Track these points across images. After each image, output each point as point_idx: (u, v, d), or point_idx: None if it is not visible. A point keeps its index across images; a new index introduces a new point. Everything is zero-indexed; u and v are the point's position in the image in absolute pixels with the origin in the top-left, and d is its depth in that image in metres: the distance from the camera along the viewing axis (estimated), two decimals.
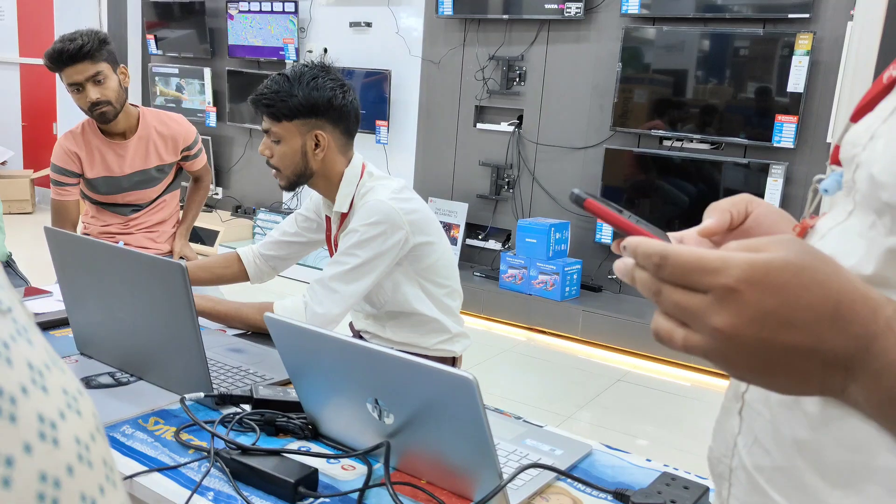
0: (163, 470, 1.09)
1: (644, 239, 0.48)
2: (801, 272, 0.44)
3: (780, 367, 0.45)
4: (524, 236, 4.23)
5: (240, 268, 1.99)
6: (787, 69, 3.62)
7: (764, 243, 0.45)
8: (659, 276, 0.47)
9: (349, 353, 1.07)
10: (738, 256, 0.44)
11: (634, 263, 0.49)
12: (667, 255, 0.46)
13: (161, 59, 6.09)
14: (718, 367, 0.47)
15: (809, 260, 0.44)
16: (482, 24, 4.57)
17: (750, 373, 0.46)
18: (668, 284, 0.46)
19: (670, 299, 0.46)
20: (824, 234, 0.59)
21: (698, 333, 0.46)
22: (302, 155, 1.74)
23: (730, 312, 0.44)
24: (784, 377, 0.45)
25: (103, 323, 1.43)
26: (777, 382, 0.46)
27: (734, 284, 0.44)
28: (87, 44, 2.26)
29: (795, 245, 0.45)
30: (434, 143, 4.87)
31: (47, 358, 0.28)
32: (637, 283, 0.49)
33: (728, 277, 0.44)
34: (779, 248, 0.45)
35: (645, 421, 3.26)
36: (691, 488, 1.08)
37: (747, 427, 0.62)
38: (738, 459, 0.63)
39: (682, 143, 4.02)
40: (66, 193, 2.48)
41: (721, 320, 0.44)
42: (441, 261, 1.82)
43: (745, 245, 0.46)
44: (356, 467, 1.13)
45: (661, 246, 0.47)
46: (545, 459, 1.16)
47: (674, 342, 0.47)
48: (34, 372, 0.27)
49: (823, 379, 0.45)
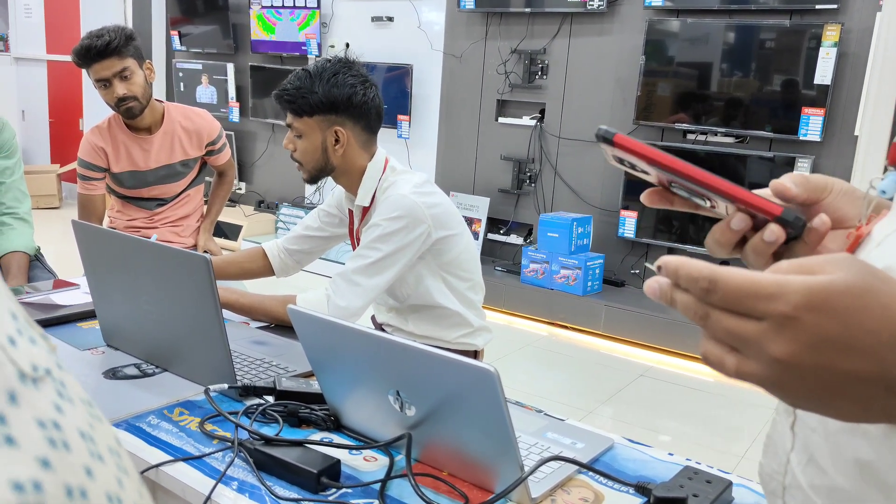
0: (187, 460, 1.11)
1: (685, 260, 0.45)
2: (863, 295, 0.41)
3: (841, 394, 0.42)
4: (546, 231, 4.22)
5: (265, 262, 2.01)
6: (814, 61, 3.57)
7: (820, 264, 0.43)
8: (707, 301, 0.44)
9: (371, 346, 1.08)
10: (796, 280, 0.42)
11: (672, 284, 0.46)
12: (716, 280, 0.43)
13: (185, 54, 6.15)
14: (774, 395, 0.44)
15: (871, 281, 0.42)
16: (504, 18, 4.55)
17: (808, 400, 0.44)
18: (717, 310, 0.44)
19: (721, 326, 0.44)
20: (880, 242, 0.55)
21: (753, 361, 0.43)
22: (322, 150, 1.75)
23: (788, 340, 0.41)
24: (844, 404, 0.43)
25: (129, 315, 1.45)
26: (836, 409, 0.44)
27: (792, 311, 0.41)
28: (114, 40, 2.28)
29: (855, 265, 0.42)
30: (455, 137, 4.87)
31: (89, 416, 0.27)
32: (678, 305, 0.46)
33: (786, 304, 0.41)
34: (837, 269, 0.42)
35: (667, 416, 3.24)
36: (714, 482, 1.07)
37: (801, 444, 0.59)
38: (791, 477, 0.60)
39: (706, 136, 3.98)
40: (93, 188, 2.51)
41: (779, 349, 0.42)
42: (464, 254, 1.82)
43: (799, 266, 0.43)
44: (378, 458, 1.14)
45: (710, 269, 0.43)
46: (566, 452, 1.16)
47: (725, 369, 0.44)
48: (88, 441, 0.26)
49: (886, 405, 0.42)
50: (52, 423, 0.24)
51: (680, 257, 0.45)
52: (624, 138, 0.51)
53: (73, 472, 0.24)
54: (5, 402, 0.23)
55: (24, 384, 0.24)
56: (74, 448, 0.24)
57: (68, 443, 0.24)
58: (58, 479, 0.23)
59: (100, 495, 0.24)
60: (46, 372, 0.25)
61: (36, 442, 0.23)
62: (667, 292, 0.46)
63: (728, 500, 1.08)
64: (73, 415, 0.25)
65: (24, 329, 0.25)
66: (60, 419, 0.25)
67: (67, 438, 0.24)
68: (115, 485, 0.26)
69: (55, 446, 0.24)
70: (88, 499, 0.24)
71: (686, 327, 3.75)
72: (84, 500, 0.24)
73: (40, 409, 0.24)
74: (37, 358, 0.25)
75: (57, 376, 0.26)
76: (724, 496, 1.06)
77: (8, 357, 0.24)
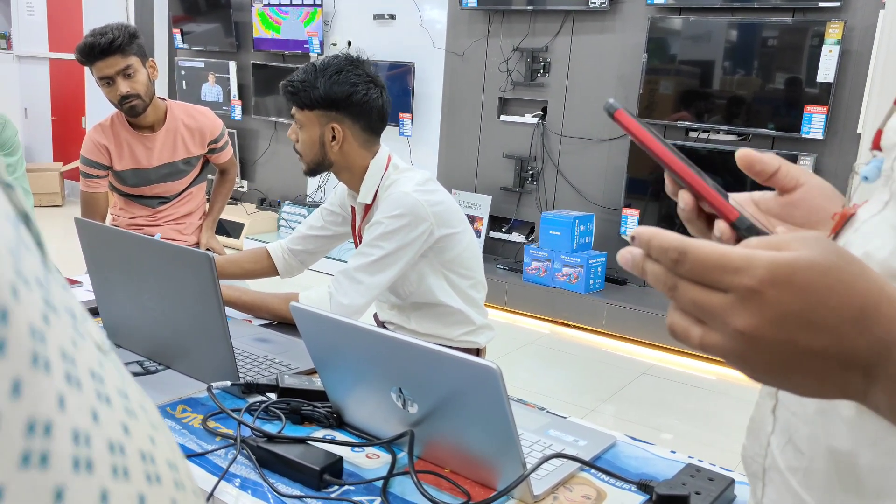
0: (190, 457, 1.11)
1: (657, 231, 0.46)
2: (827, 273, 0.42)
3: (799, 369, 0.43)
4: (548, 229, 4.22)
5: (269, 263, 2.01)
6: (816, 59, 3.57)
7: (788, 241, 0.44)
8: (676, 272, 0.45)
9: (374, 343, 1.08)
10: (762, 255, 0.43)
11: (644, 254, 0.47)
12: (686, 251, 0.44)
13: (187, 52, 6.15)
14: (735, 368, 0.45)
15: (835, 260, 0.43)
16: (506, 16, 4.55)
17: (767, 374, 0.45)
18: (685, 281, 0.45)
19: (688, 297, 0.45)
20: (858, 227, 0.57)
21: (717, 333, 0.44)
22: (320, 145, 1.76)
23: (751, 313, 0.42)
24: (802, 379, 0.44)
25: (132, 312, 1.46)
26: (795, 384, 0.45)
27: (757, 285, 0.42)
28: (117, 38, 2.28)
29: (821, 244, 0.43)
30: (457, 135, 4.87)
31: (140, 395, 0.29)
32: (648, 275, 0.46)
33: (751, 278, 0.42)
34: (803, 247, 0.43)
35: (669, 414, 3.24)
36: (716, 480, 1.08)
37: (781, 427, 0.60)
38: (771, 459, 0.61)
39: (708, 134, 3.98)
40: (96, 185, 2.52)
41: (742, 321, 0.43)
42: (466, 252, 1.82)
43: (767, 242, 0.44)
44: (380, 456, 1.14)
45: (680, 240, 0.44)
46: (569, 450, 1.16)
47: (690, 340, 0.46)
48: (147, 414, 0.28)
49: (843, 382, 0.43)
50: (100, 377, 0.26)
51: (653, 228, 0.46)
52: (623, 115, 0.52)
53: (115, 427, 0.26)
54: (99, 366, 0.25)
55: (78, 335, 0.26)
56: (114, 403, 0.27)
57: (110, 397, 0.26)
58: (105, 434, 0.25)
59: (134, 455, 0.26)
60: (110, 348, 0.28)
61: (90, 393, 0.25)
62: (639, 262, 0.47)
63: (730, 498, 1.08)
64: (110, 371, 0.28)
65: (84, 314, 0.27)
66: (104, 372, 0.27)
67: (109, 392, 0.26)
68: (148, 443, 0.27)
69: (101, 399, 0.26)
70: (126, 455, 0.25)
71: None
72: (122, 456, 0.25)
73: (91, 358, 0.26)
74: (100, 336, 0.28)
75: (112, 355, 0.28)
76: (726, 494, 1.06)
77: (87, 330, 0.26)
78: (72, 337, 0.25)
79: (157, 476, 0.26)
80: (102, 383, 0.25)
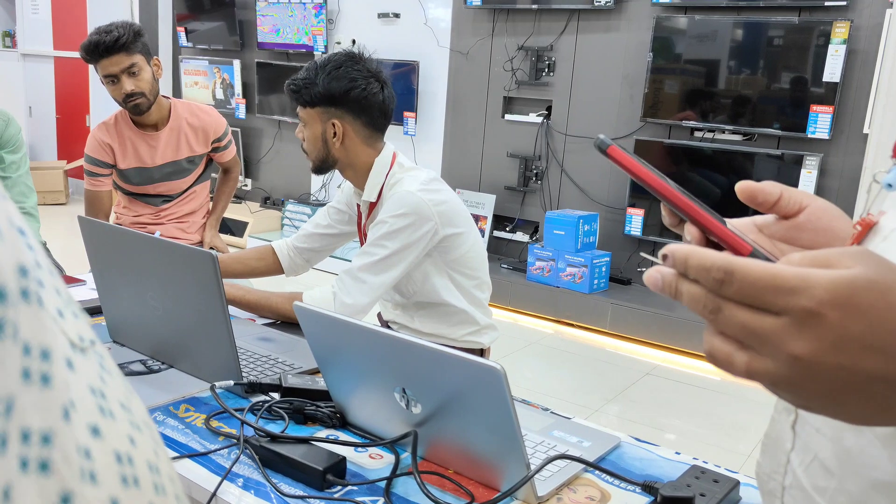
0: (193, 456, 1.11)
1: (694, 248, 0.42)
2: (888, 293, 0.39)
3: (857, 396, 0.40)
4: (552, 228, 4.21)
5: (274, 261, 2.01)
6: (822, 58, 3.55)
7: (837, 257, 0.41)
8: (721, 294, 0.41)
9: (377, 343, 1.08)
10: (819, 274, 0.39)
11: (677, 274, 0.43)
12: (732, 271, 0.40)
13: (191, 51, 6.15)
14: (783, 395, 0.42)
15: (893, 277, 0.40)
16: (511, 15, 4.54)
17: (821, 401, 0.41)
18: (731, 303, 0.41)
19: (735, 320, 0.41)
20: (886, 236, 0.54)
21: (767, 358, 0.40)
22: (323, 142, 1.76)
23: (810, 337, 0.39)
24: (859, 406, 0.41)
25: (135, 311, 1.45)
26: (850, 412, 0.42)
27: (816, 307, 0.39)
28: (122, 36, 2.29)
29: (874, 260, 0.40)
30: (462, 134, 4.86)
31: (125, 388, 0.28)
32: (685, 297, 0.43)
33: (809, 299, 0.39)
34: (858, 264, 0.40)
35: (673, 415, 3.23)
36: (721, 482, 1.07)
37: (803, 443, 0.57)
38: (792, 477, 0.58)
39: (713, 134, 3.96)
40: (99, 184, 2.52)
41: (800, 346, 0.39)
42: (471, 252, 1.81)
43: (813, 258, 0.41)
44: (384, 456, 1.14)
45: (724, 259, 0.41)
46: (573, 451, 1.15)
47: (734, 367, 0.42)
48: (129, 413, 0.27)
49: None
50: (100, 392, 0.25)
51: (688, 245, 0.43)
52: (616, 150, 0.49)
53: (120, 440, 0.25)
54: (65, 369, 0.24)
55: (75, 353, 0.25)
56: (118, 417, 0.26)
57: (113, 412, 0.25)
58: (107, 447, 0.24)
59: (142, 463, 0.26)
60: (91, 343, 0.27)
61: (89, 409, 0.24)
62: (671, 283, 0.43)
63: (735, 499, 1.07)
64: (113, 385, 0.27)
65: (68, 303, 0.27)
66: (105, 389, 0.26)
67: (112, 407, 0.26)
68: (153, 455, 0.27)
69: (104, 414, 0.25)
70: (134, 465, 0.25)
71: (692, 326, 3.74)
72: (131, 467, 0.25)
73: (91, 376, 0.25)
74: (82, 330, 0.27)
75: (98, 349, 0.27)
76: (731, 496, 1.05)
77: (59, 328, 0.25)
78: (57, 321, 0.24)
79: (136, 478, 0.26)
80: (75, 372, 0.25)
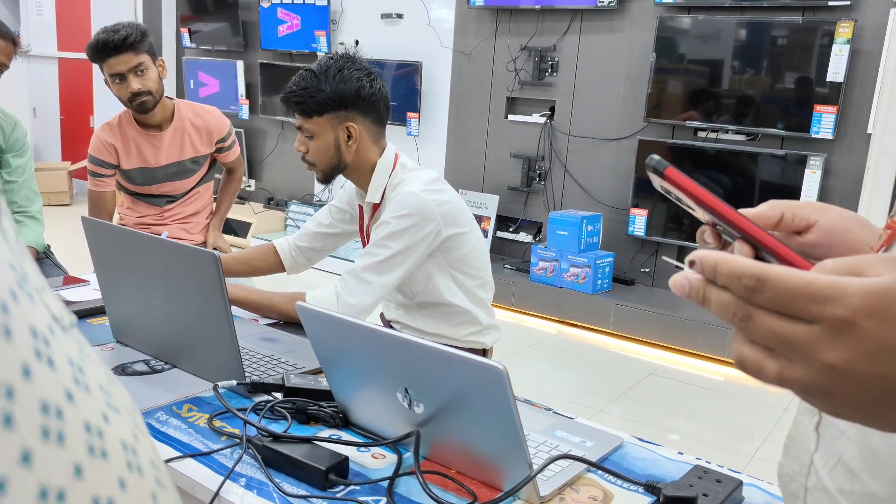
0: (196, 456, 1.11)
1: (723, 255, 0.41)
2: None
3: (891, 405, 0.40)
4: (555, 228, 4.21)
5: (276, 259, 2.01)
6: (826, 58, 3.54)
7: (870, 264, 0.40)
8: (752, 301, 0.41)
9: (380, 342, 1.08)
10: (854, 283, 0.39)
11: (705, 281, 0.42)
12: (765, 279, 0.40)
13: (195, 51, 6.16)
14: (816, 404, 0.42)
15: None
16: (514, 15, 4.54)
17: (855, 410, 0.41)
18: (763, 310, 0.40)
19: (766, 328, 0.40)
20: None
21: (800, 366, 0.40)
22: (336, 148, 1.75)
23: (844, 346, 0.38)
24: (893, 415, 0.40)
25: (138, 311, 1.46)
26: (884, 421, 0.41)
27: (850, 315, 0.38)
28: (130, 35, 2.30)
29: None
30: (465, 134, 4.86)
31: (106, 375, 0.28)
32: (713, 305, 0.42)
33: (844, 307, 0.38)
34: (889, 271, 0.39)
35: (677, 415, 3.22)
36: (724, 482, 1.07)
37: (827, 445, 0.56)
38: (815, 479, 0.57)
39: (717, 134, 3.96)
40: (103, 184, 2.52)
41: (834, 355, 0.39)
42: (474, 252, 1.81)
43: (845, 266, 0.41)
44: (386, 456, 1.14)
45: (756, 267, 0.40)
46: (576, 451, 1.15)
47: (764, 374, 0.41)
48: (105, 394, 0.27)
49: None
50: (78, 367, 0.26)
51: (717, 252, 0.42)
52: (675, 172, 0.49)
53: (92, 413, 0.25)
54: (47, 332, 0.25)
55: (55, 324, 0.26)
56: (94, 394, 0.26)
57: (89, 386, 0.26)
58: (77, 415, 0.25)
59: (114, 439, 0.26)
60: (71, 325, 0.27)
61: (66, 375, 0.25)
62: (699, 289, 0.43)
63: (738, 499, 1.07)
64: (93, 368, 0.27)
65: (47, 289, 0.27)
66: (83, 366, 0.26)
67: (88, 382, 0.26)
68: (130, 437, 0.27)
69: (78, 385, 0.25)
70: (104, 439, 0.25)
71: (696, 326, 3.73)
72: (100, 440, 0.25)
73: (70, 350, 0.26)
74: (62, 311, 0.27)
75: (78, 335, 0.28)
76: (734, 496, 1.05)
77: (42, 301, 0.26)
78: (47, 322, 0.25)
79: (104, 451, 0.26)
80: None
